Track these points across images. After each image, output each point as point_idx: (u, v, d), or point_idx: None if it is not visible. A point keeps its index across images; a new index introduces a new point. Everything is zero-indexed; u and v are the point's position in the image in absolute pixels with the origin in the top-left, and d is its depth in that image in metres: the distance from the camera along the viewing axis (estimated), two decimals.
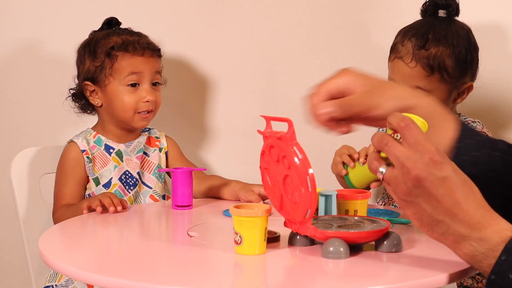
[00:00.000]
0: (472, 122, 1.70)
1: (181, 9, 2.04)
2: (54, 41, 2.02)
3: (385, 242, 1.15)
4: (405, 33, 1.68)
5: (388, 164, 1.01)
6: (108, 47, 1.73)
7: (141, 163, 1.76)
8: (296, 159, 1.10)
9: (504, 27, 1.91)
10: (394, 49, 1.68)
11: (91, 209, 1.49)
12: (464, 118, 1.72)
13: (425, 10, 1.74)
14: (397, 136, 1.01)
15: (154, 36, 1.82)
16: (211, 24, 2.04)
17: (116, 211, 1.49)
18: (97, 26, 1.82)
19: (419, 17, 1.74)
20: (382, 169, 1.01)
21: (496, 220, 0.95)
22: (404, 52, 1.64)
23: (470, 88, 1.69)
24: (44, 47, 2.03)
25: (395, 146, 0.99)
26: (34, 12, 2.03)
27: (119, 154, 1.74)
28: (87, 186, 1.72)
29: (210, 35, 2.04)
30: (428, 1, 1.74)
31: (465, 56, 1.66)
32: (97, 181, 1.71)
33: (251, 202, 1.59)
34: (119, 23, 1.82)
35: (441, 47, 1.64)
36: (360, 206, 1.33)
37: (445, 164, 0.97)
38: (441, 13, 1.72)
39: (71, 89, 1.81)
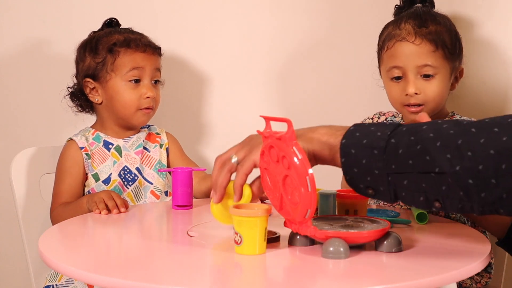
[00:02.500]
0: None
1: (182, 9, 2.04)
2: (54, 41, 2.02)
3: (385, 242, 1.15)
4: (397, 21, 1.68)
5: None
6: (110, 43, 1.74)
7: (141, 158, 1.76)
8: (295, 159, 1.10)
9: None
10: (389, 37, 1.66)
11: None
12: (459, 117, 1.72)
13: (402, 7, 1.74)
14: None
15: (156, 36, 1.82)
16: (211, 23, 2.04)
17: (119, 213, 1.50)
18: (97, 26, 1.82)
19: None
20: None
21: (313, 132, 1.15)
22: (405, 33, 1.64)
23: (462, 72, 1.71)
24: (44, 47, 2.03)
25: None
26: (34, 12, 2.03)
27: (118, 150, 1.75)
28: (86, 183, 1.72)
29: (211, 34, 2.04)
30: None
31: (457, 35, 1.68)
32: (96, 177, 1.71)
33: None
34: (119, 24, 1.83)
35: (438, 26, 1.65)
36: (360, 206, 1.33)
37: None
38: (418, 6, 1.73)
39: (69, 87, 1.81)
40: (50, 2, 2.03)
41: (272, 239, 1.21)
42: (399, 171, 1.04)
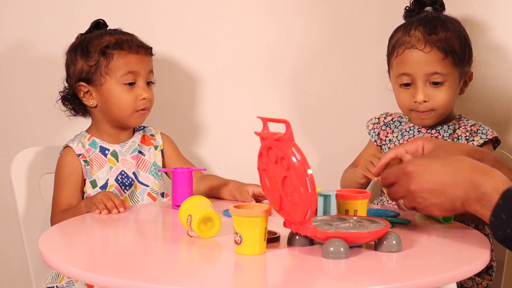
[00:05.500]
0: (472, 125, 1.70)
1: (179, 9, 2.04)
2: (55, 41, 2.01)
3: (385, 242, 1.16)
4: (407, 27, 1.68)
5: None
6: (102, 45, 1.72)
7: (136, 163, 1.76)
8: (294, 160, 1.10)
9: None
10: (399, 43, 1.67)
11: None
12: (466, 120, 1.72)
13: (412, 10, 1.74)
14: None
15: (151, 37, 1.81)
16: (207, 23, 2.03)
17: (118, 213, 1.50)
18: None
19: None
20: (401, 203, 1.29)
21: (489, 174, 1.18)
22: (414, 40, 1.64)
23: (471, 76, 1.71)
24: (44, 47, 2.03)
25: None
26: (31, 13, 2.02)
27: (115, 155, 1.74)
28: (84, 189, 1.71)
29: (206, 34, 2.04)
30: (412, 1, 1.74)
31: (466, 40, 1.68)
32: (94, 184, 1.70)
33: (245, 202, 1.59)
34: (107, 25, 1.82)
35: (448, 32, 1.65)
36: (360, 206, 1.33)
37: (413, 169, 1.23)
38: (428, 10, 1.73)
39: (61, 92, 1.80)
40: (46, 3, 2.03)
41: (272, 239, 1.21)
42: None
